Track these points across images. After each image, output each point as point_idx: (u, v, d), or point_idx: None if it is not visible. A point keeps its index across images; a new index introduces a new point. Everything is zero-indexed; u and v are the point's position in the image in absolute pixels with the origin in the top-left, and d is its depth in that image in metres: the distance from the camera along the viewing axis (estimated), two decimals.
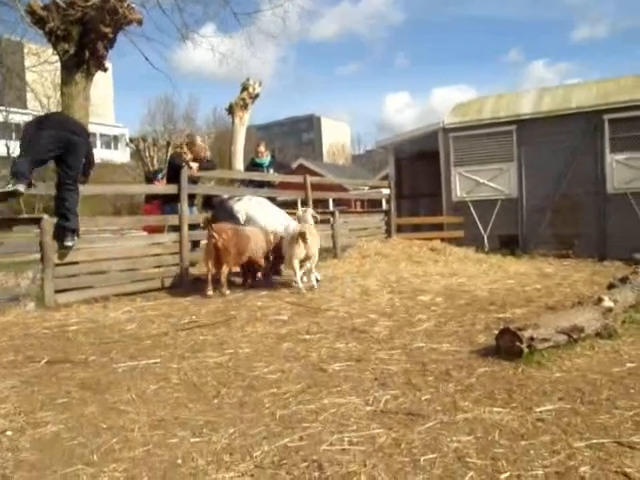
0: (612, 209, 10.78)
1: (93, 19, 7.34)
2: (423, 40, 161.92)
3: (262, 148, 10.18)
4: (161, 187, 7.83)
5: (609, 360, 3.82)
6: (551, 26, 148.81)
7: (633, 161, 10.57)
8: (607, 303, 4.56)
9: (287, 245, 7.11)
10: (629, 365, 3.68)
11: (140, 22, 8.32)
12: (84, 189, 6.79)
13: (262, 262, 7.45)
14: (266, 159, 10.04)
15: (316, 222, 7.87)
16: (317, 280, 7.29)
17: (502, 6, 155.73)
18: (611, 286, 5.57)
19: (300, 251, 6.90)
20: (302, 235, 6.89)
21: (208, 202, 8.93)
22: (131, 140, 39.95)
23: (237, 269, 7.68)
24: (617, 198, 10.74)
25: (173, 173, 7.85)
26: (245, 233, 7.18)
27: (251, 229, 7.38)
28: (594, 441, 2.53)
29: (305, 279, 7.12)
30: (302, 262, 7.02)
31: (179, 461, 2.50)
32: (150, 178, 10.74)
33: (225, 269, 6.86)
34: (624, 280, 5.56)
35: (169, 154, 8.62)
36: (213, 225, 6.96)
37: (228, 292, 6.86)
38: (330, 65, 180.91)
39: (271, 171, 10.04)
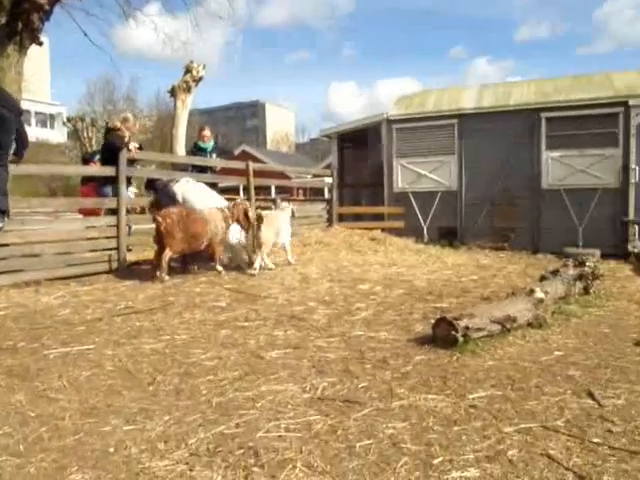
0: (546, 205, 11.15)
1: None
2: (371, 31, 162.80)
3: (207, 132, 9.99)
4: (98, 169, 7.58)
5: (539, 349, 3.96)
6: (495, 24, 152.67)
7: (567, 159, 10.95)
8: (539, 294, 4.73)
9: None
10: (557, 353, 3.83)
11: None
12: (16, 168, 6.50)
13: (221, 247, 7.37)
14: (209, 144, 9.88)
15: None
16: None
17: (450, 2, 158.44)
18: (543, 278, 5.78)
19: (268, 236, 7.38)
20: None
21: (151, 185, 8.71)
22: (68, 119, 38.62)
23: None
24: (551, 194, 11.11)
25: (110, 154, 7.59)
26: (201, 216, 7.03)
27: (210, 211, 7.23)
28: (522, 426, 2.62)
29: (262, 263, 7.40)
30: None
31: (111, 449, 2.45)
32: (87, 159, 10.41)
33: (167, 253, 6.72)
34: (555, 273, 5.78)
35: (105, 134, 8.19)
36: (163, 210, 6.82)
37: (167, 278, 6.73)
38: (278, 52, 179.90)
39: (214, 156, 9.89)
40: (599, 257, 9.04)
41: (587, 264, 6.04)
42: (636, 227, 10.31)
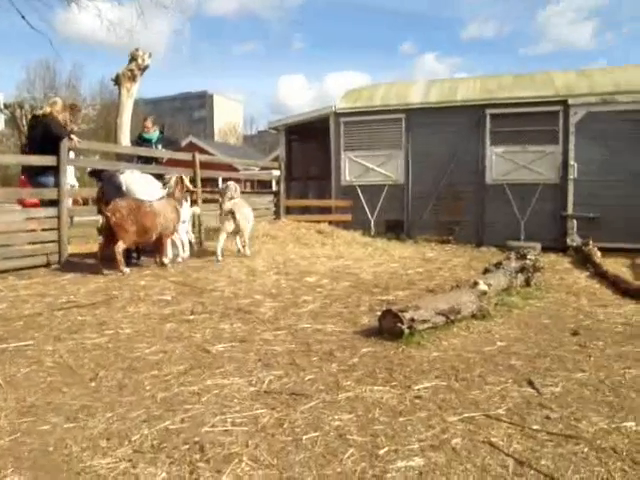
0: (490, 199, 11.42)
1: None
2: (321, 24, 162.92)
3: (149, 123, 9.77)
4: (38, 158, 7.31)
5: (482, 340, 4.05)
6: (444, 22, 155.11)
7: (510, 154, 11.24)
8: (482, 287, 4.85)
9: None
10: (499, 344, 3.92)
11: None
12: None
13: (169, 239, 7.27)
14: (154, 134, 9.66)
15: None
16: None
17: None
18: (486, 271, 5.93)
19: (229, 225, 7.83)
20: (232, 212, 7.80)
21: (96, 176, 8.44)
22: (6, 106, 37.07)
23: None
24: (495, 189, 11.38)
25: (48, 143, 7.27)
26: (151, 209, 6.88)
27: (160, 202, 7.09)
28: (466, 415, 2.68)
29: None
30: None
31: (50, 449, 2.37)
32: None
33: (120, 246, 6.57)
34: (498, 265, 5.93)
35: (40, 120, 7.78)
36: (113, 202, 6.64)
37: (128, 270, 6.61)
38: (226, 43, 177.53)
39: (159, 147, 9.68)
40: (540, 250, 9.34)
41: (528, 257, 6.22)
42: (574, 222, 10.69)
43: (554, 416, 2.68)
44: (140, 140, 9.68)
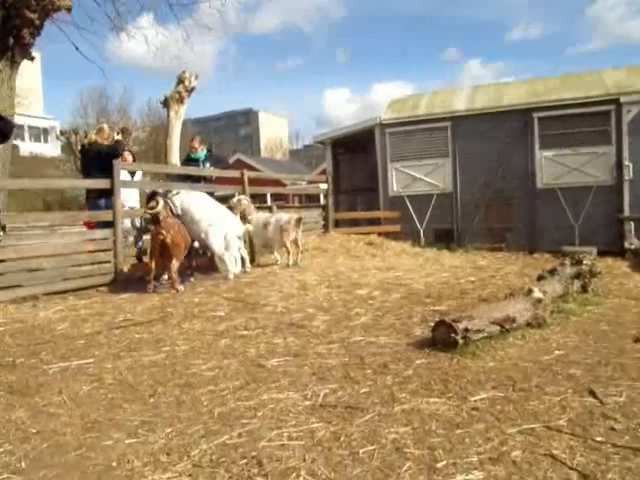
0: (542, 204, 11.17)
1: (17, 3, 7.00)
2: (364, 36, 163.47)
3: (195, 143, 9.99)
4: (93, 181, 7.56)
5: (539, 349, 3.96)
6: (487, 26, 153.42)
7: (560, 157, 10.99)
8: (537, 294, 4.74)
9: (275, 232, 8.31)
10: (557, 353, 3.83)
11: (69, 9, 7.99)
12: (10, 183, 6.50)
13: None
14: (201, 154, 9.86)
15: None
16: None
17: (441, 5, 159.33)
18: (540, 278, 5.79)
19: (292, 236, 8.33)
20: (299, 220, 8.42)
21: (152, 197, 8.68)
22: (62, 133, 38.53)
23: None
24: (546, 193, 11.13)
25: (104, 164, 7.53)
26: (183, 227, 7.10)
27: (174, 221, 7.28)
28: (525, 426, 2.62)
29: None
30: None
31: (114, 464, 2.43)
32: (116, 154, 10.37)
33: (175, 264, 6.77)
34: (552, 272, 5.79)
35: (88, 148, 8.04)
36: (162, 222, 6.83)
37: (182, 287, 6.79)
38: (271, 59, 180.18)
39: (207, 165, 9.87)
40: (596, 255, 9.06)
41: (584, 262, 6.05)
42: (631, 224, 10.34)
43: (619, 427, 2.59)
44: (188, 160, 9.90)
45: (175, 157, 13.22)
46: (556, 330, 4.44)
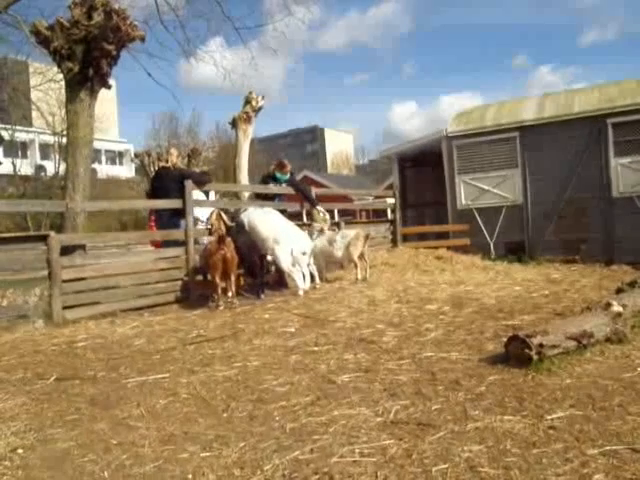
0: (618, 213, 10.74)
1: (96, 38, 7.40)
2: (430, 48, 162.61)
3: (287, 163, 10.08)
4: (166, 202, 7.85)
5: (619, 365, 3.79)
6: (558, 31, 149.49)
7: (638, 164, 10.55)
8: (616, 308, 4.54)
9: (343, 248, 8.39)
10: None
11: (143, 39, 8.38)
12: (90, 205, 6.82)
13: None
14: (286, 176, 9.97)
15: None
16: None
17: (508, 13, 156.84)
18: (619, 290, 5.56)
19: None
20: (366, 237, 8.50)
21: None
22: (136, 155, 40.11)
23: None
24: (623, 202, 10.70)
25: (178, 185, 7.84)
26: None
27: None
28: (607, 448, 2.51)
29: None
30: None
31: (190, 476, 2.50)
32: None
33: (234, 280, 6.95)
34: (632, 284, 5.55)
35: (165, 171, 8.37)
36: (218, 238, 7.01)
37: (238, 303, 6.93)
38: (338, 76, 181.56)
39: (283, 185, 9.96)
40: None
41: None
42: None
43: None
44: (272, 178, 10.05)
45: (244, 176, 13.52)
46: (638, 346, 4.23)
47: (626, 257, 10.13)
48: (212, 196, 9.74)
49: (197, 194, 8.55)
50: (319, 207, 9.44)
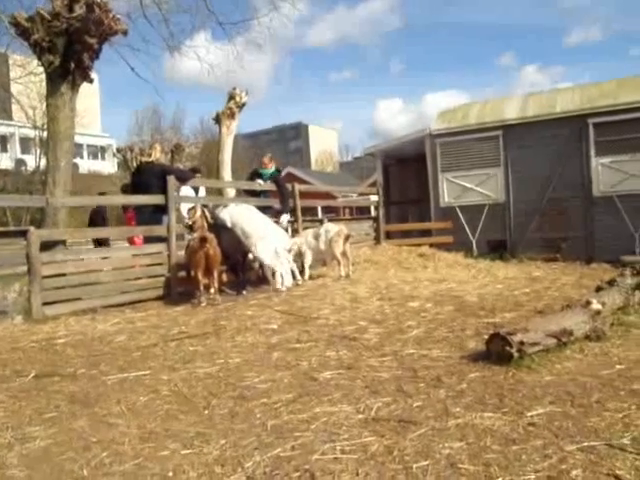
0: (599, 212, 10.87)
1: (78, 30, 7.31)
2: (417, 46, 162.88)
3: (266, 159, 10.09)
4: (149, 197, 7.78)
5: (598, 363, 3.83)
6: (545, 30, 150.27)
7: (618, 164, 10.68)
8: (595, 306, 4.59)
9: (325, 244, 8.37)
10: (618, 367, 3.69)
11: (125, 33, 8.30)
12: (70, 201, 6.75)
13: None
14: (269, 170, 9.95)
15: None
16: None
17: (496, 12, 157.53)
18: (599, 289, 5.61)
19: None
20: (348, 236, 8.49)
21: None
22: (118, 150, 39.78)
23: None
24: (603, 201, 10.83)
25: (159, 181, 7.77)
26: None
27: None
28: (585, 444, 2.53)
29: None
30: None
31: (170, 474, 2.48)
32: None
33: (217, 276, 6.93)
34: (611, 282, 5.60)
35: (146, 166, 8.28)
36: (200, 234, 6.97)
37: (220, 299, 6.92)
38: (325, 72, 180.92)
39: (260, 181, 9.95)
40: None
41: None
42: None
43: None
44: (255, 175, 10.04)
45: (227, 172, 13.46)
46: (617, 343, 4.29)
47: (606, 256, 10.25)
48: (202, 192, 9.71)
49: (187, 190, 8.51)
50: (286, 215, 9.34)
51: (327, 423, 2.94)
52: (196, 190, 9.25)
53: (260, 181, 9.63)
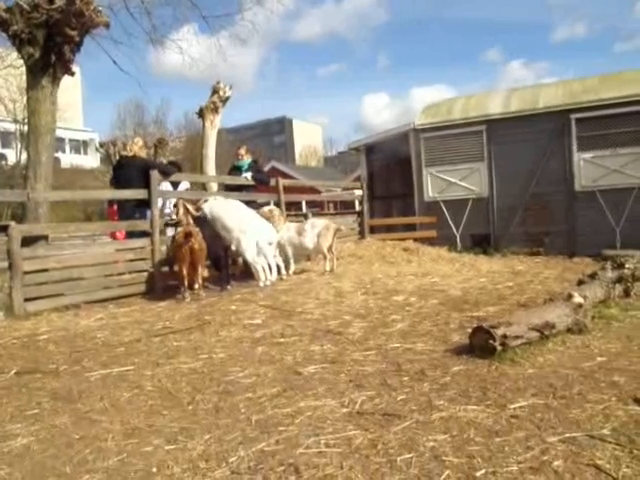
0: (581, 207, 10.97)
1: (59, 22, 7.20)
2: (404, 41, 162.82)
3: (242, 151, 10.05)
4: (132, 192, 7.71)
5: (580, 355, 3.88)
6: (531, 27, 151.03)
7: (599, 159, 10.78)
8: (577, 299, 4.63)
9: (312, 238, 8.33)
10: (599, 359, 3.74)
11: (107, 25, 8.20)
12: (52, 195, 6.67)
13: None
14: (245, 162, 9.91)
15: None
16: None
17: (482, 7, 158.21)
18: (581, 282, 5.67)
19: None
20: (337, 229, 8.53)
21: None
22: (101, 145, 39.38)
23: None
24: (585, 196, 10.93)
25: (141, 175, 7.71)
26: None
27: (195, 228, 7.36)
28: (567, 435, 2.56)
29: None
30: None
31: (154, 470, 2.47)
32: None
33: (201, 271, 6.89)
34: (593, 276, 5.66)
35: (127, 160, 8.22)
36: (185, 229, 6.92)
37: (204, 294, 6.88)
38: (312, 67, 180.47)
39: (248, 174, 9.90)
40: (639, 258, 8.83)
41: (627, 266, 5.90)
42: None
43: None
44: (233, 168, 9.99)
45: (211, 166, 13.38)
46: (598, 336, 4.34)
47: (588, 250, 10.36)
48: (185, 186, 9.66)
49: (165, 185, 8.46)
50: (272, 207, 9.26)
51: (311, 417, 2.94)
52: (175, 185, 9.19)
53: (247, 175, 9.57)
